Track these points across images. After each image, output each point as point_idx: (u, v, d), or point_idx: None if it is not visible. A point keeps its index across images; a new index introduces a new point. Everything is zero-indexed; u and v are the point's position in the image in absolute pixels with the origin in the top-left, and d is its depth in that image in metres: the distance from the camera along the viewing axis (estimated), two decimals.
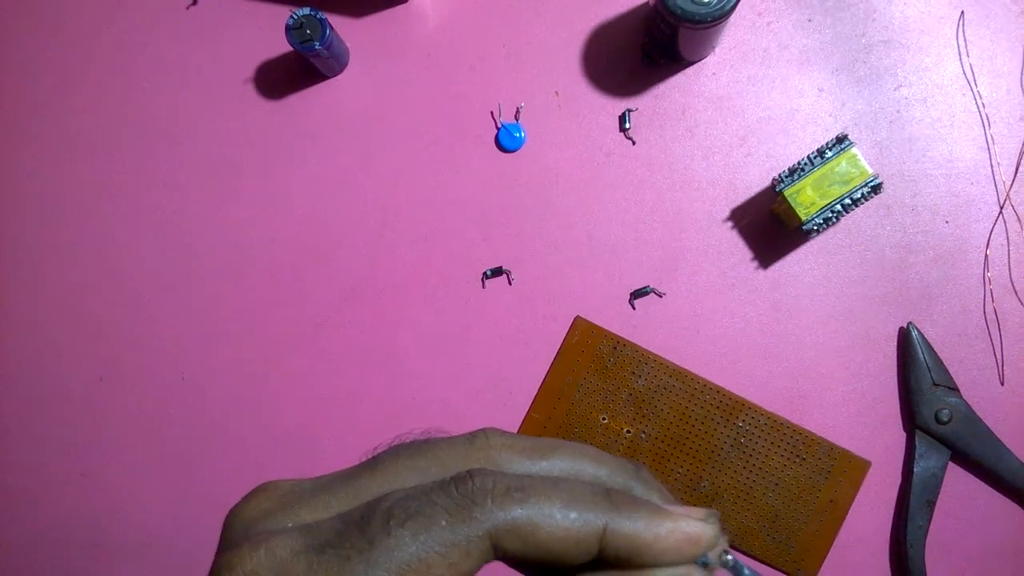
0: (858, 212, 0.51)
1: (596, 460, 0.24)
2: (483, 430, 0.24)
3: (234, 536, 0.23)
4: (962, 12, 0.51)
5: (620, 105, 0.52)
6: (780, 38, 0.52)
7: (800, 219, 0.47)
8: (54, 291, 0.54)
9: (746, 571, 0.25)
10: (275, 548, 0.21)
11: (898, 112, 0.52)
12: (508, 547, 0.21)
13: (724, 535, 0.24)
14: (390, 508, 0.21)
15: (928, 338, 0.50)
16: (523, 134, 0.53)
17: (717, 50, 0.52)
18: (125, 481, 0.53)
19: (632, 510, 0.22)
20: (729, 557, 0.24)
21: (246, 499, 0.24)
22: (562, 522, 0.22)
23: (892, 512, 0.50)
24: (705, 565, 0.23)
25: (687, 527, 0.23)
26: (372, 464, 0.24)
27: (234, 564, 0.21)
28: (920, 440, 0.49)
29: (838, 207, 0.47)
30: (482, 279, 0.52)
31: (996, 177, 0.51)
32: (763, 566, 0.50)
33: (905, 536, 0.49)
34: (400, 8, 0.53)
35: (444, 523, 0.21)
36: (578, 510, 0.22)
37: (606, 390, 0.51)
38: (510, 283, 0.52)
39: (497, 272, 0.52)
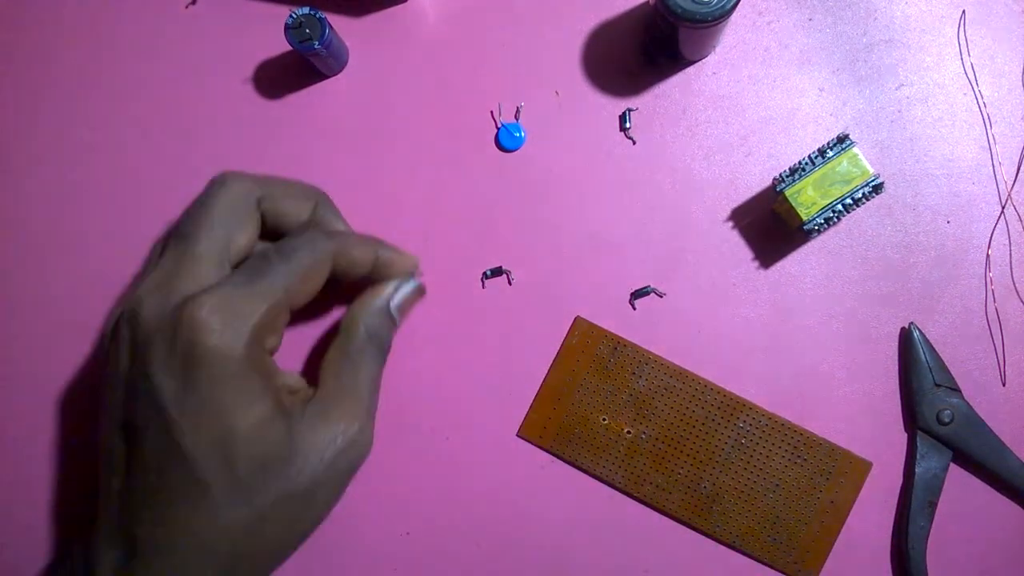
0: (859, 212, 0.51)
1: (300, 188, 0.47)
2: (219, 180, 0.42)
3: None
4: (963, 11, 0.51)
5: (620, 105, 0.52)
6: (781, 37, 0.52)
7: (801, 219, 0.47)
8: (53, 291, 0.54)
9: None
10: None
11: (899, 111, 0.51)
12: (337, 263, 0.43)
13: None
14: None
15: (929, 338, 0.50)
16: (523, 134, 0.52)
17: (718, 49, 0.52)
18: None
19: (388, 249, 0.46)
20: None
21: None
22: (355, 249, 0.43)
23: (893, 513, 0.50)
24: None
25: (405, 259, 0.46)
26: (179, 242, 0.40)
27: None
28: (921, 441, 0.49)
29: (839, 207, 0.47)
30: (482, 279, 0.52)
31: (998, 176, 0.51)
32: (762, 566, 0.50)
33: (906, 537, 0.49)
34: (400, 8, 0.53)
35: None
36: (362, 243, 0.44)
37: (606, 391, 0.51)
38: (510, 283, 0.52)
39: (497, 272, 0.52)
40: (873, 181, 0.46)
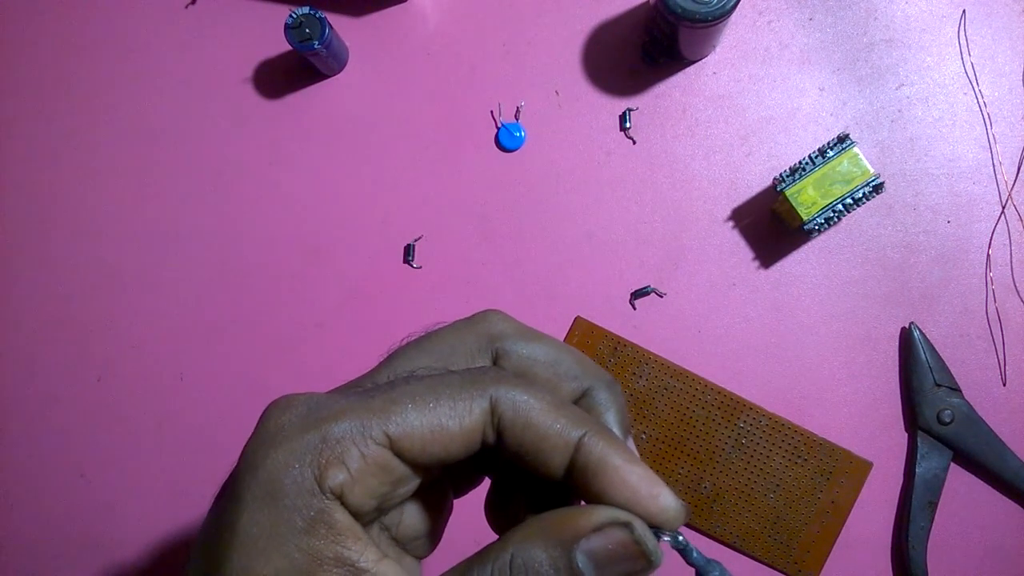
0: (859, 212, 0.51)
1: (579, 361, 0.27)
2: (484, 311, 0.28)
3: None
4: (964, 11, 0.51)
5: (620, 104, 0.52)
6: (781, 37, 0.52)
7: (801, 219, 0.47)
8: (52, 291, 0.54)
9: (695, 554, 0.25)
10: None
11: (900, 111, 0.51)
12: (503, 413, 0.24)
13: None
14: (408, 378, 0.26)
15: (930, 338, 0.50)
16: (523, 134, 0.52)
17: (718, 49, 0.52)
18: (124, 481, 0.53)
19: (611, 440, 0.24)
20: (681, 537, 0.24)
21: (267, 416, 0.26)
22: (540, 412, 0.24)
23: (894, 513, 0.50)
24: (656, 537, 0.23)
25: (654, 483, 0.23)
26: (387, 361, 0.28)
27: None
28: (922, 441, 0.49)
29: (839, 207, 0.46)
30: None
31: (998, 176, 0.51)
32: (762, 566, 0.50)
33: (907, 537, 0.49)
34: (400, 8, 0.53)
35: (451, 388, 0.24)
36: (567, 417, 0.24)
37: None
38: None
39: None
40: (873, 181, 0.46)
